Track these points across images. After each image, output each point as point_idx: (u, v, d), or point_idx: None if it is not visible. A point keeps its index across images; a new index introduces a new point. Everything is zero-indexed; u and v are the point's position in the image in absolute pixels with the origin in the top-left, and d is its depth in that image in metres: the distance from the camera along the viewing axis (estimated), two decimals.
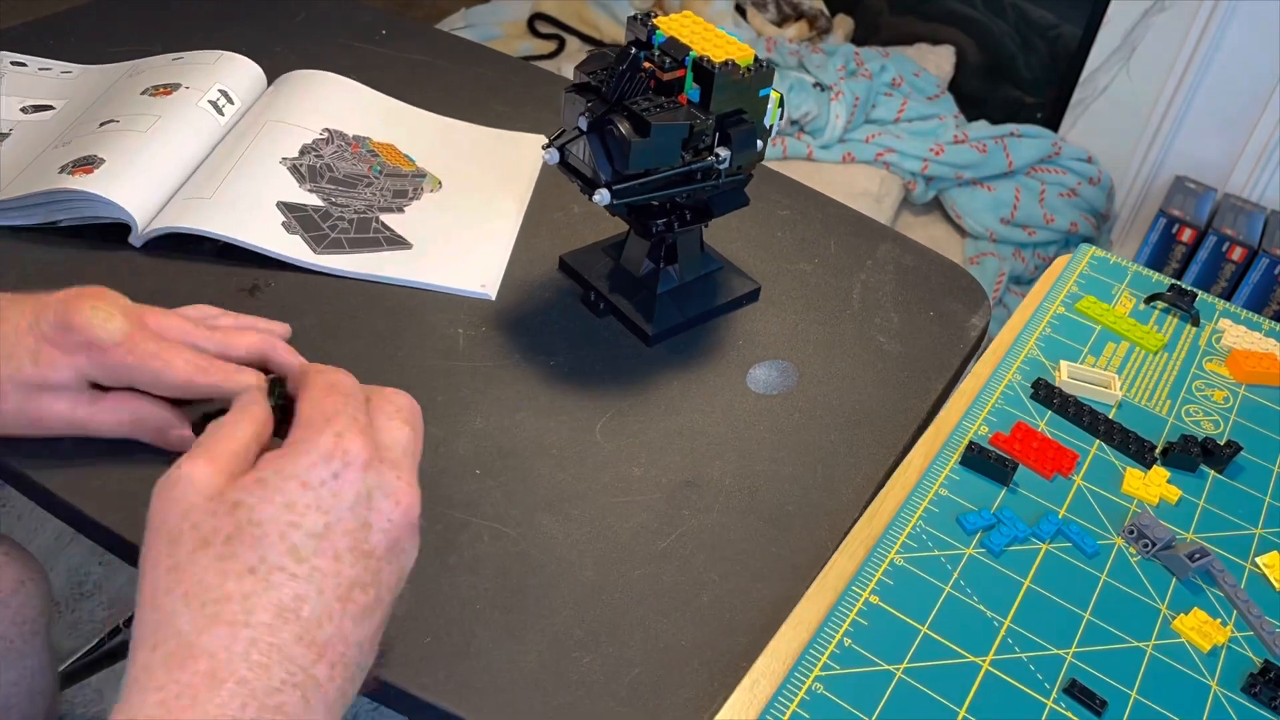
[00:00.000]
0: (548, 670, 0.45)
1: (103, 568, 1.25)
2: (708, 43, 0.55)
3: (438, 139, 0.78)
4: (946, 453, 0.55)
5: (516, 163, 0.76)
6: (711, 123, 0.54)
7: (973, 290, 0.70)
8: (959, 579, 0.48)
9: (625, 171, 0.53)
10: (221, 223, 0.63)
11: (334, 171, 0.71)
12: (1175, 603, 0.49)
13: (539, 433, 0.56)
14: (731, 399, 0.60)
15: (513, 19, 2.02)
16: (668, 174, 0.55)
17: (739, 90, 0.55)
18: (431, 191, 0.72)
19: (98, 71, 0.77)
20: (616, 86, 0.53)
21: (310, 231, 0.66)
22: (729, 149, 0.55)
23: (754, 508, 0.53)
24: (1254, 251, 1.55)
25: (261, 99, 0.76)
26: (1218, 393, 0.62)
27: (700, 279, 0.65)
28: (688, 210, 0.60)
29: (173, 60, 0.76)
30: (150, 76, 0.74)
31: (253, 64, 0.77)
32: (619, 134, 0.52)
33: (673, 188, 0.56)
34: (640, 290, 0.63)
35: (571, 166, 0.56)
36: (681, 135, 0.53)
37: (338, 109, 0.76)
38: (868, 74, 1.71)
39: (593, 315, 0.63)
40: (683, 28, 0.56)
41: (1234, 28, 1.57)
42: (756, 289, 0.66)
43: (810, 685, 0.43)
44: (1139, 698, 0.45)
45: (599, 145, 0.53)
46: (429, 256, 0.66)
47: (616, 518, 0.52)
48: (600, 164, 0.53)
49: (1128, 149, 1.75)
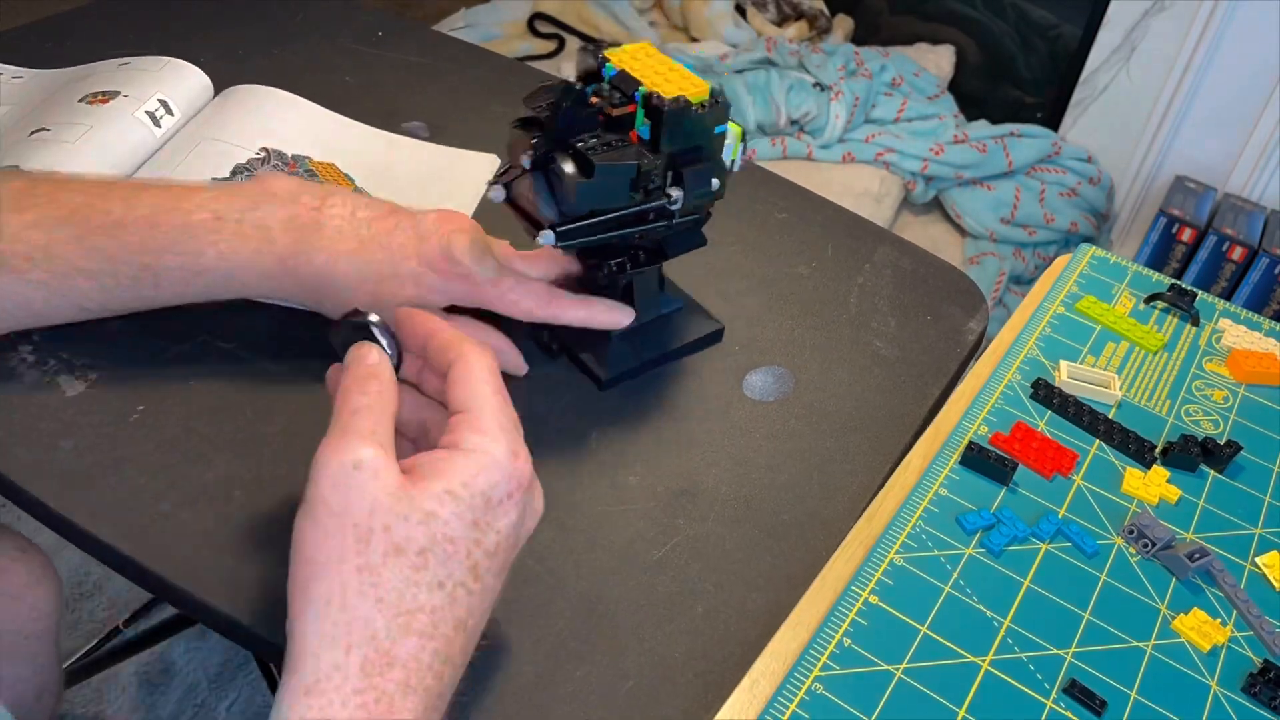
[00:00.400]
0: (543, 682, 0.45)
1: (103, 568, 1.25)
2: (660, 77, 0.52)
3: (382, 159, 0.75)
4: (946, 452, 0.55)
5: (462, 183, 0.74)
6: (661, 162, 0.51)
7: (970, 294, 0.70)
8: (959, 579, 0.48)
9: (570, 213, 0.51)
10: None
11: None
12: (1175, 603, 0.49)
13: (532, 441, 0.55)
14: (727, 405, 0.59)
15: (512, 19, 2.02)
16: (617, 214, 0.52)
17: (691, 127, 0.52)
18: None
19: (46, 77, 0.76)
20: (562, 123, 0.50)
21: None
22: (681, 189, 0.52)
23: (749, 516, 0.53)
24: (1254, 251, 1.55)
25: (203, 112, 0.74)
26: (1218, 392, 0.62)
27: (659, 319, 0.61)
28: (641, 251, 0.57)
29: (119, 66, 0.74)
30: (91, 83, 0.72)
31: (199, 72, 0.75)
32: (562, 174, 0.49)
33: (623, 229, 0.53)
34: (594, 332, 0.59)
35: (518, 205, 0.53)
36: (629, 175, 0.50)
37: (279, 126, 0.73)
38: (868, 74, 1.71)
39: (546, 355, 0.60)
40: (635, 60, 0.53)
41: (1234, 28, 1.57)
42: (719, 330, 0.63)
43: (810, 685, 0.43)
44: (1139, 698, 0.44)
45: (543, 184, 0.51)
46: None
47: (612, 527, 0.52)
48: (544, 204, 0.51)
49: (1128, 149, 1.75)
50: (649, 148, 0.51)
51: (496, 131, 0.53)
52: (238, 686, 1.14)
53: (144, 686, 1.14)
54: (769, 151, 1.66)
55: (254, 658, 1.14)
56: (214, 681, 1.15)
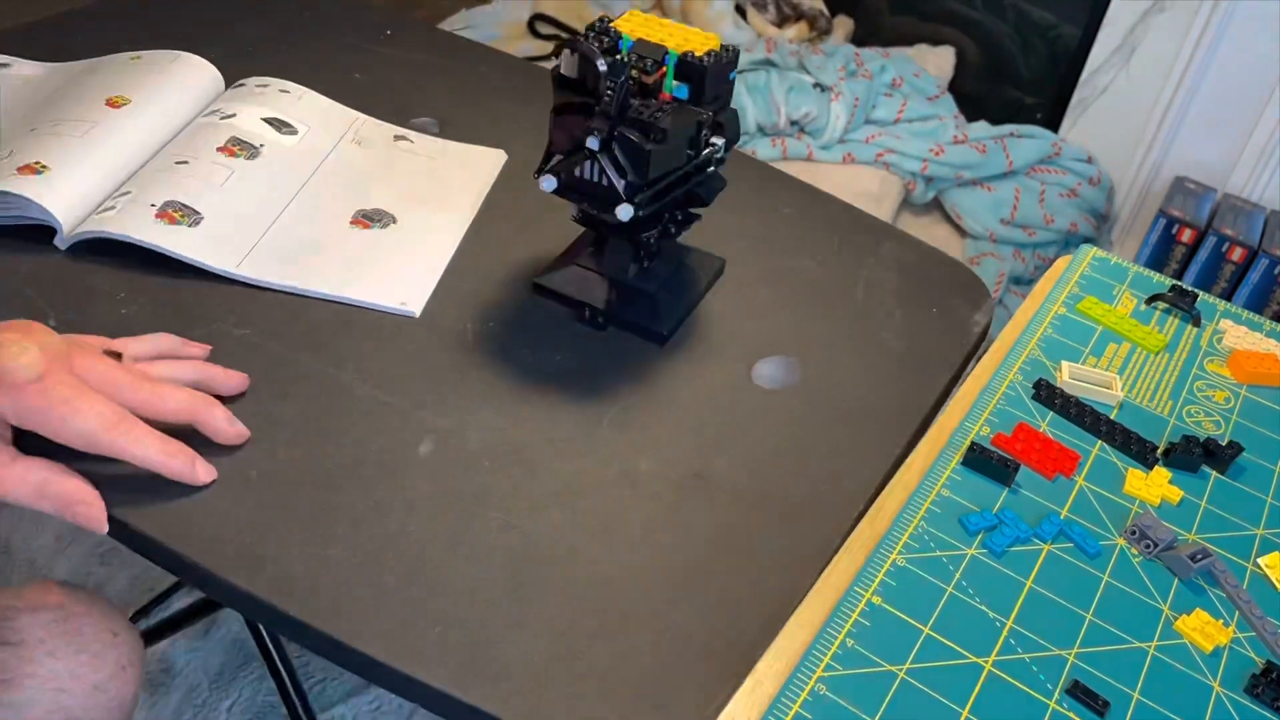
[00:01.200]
0: (557, 660, 0.45)
1: (103, 568, 1.25)
2: (675, 38, 0.55)
3: (388, 154, 0.76)
4: (948, 453, 0.55)
5: (465, 179, 0.74)
6: (709, 116, 0.55)
7: (975, 287, 0.70)
8: (961, 580, 0.49)
9: (643, 182, 0.53)
10: (143, 229, 0.62)
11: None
12: (1177, 603, 0.49)
13: (547, 426, 0.56)
14: (737, 394, 0.60)
15: (513, 20, 2.02)
16: (676, 174, 0.55)
17: (724, 78, 0.55)
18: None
19: (58, 71, 0.76)
20: (616, 100, 0.52)
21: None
22: (723, 136, 0.56)
23: (760, 501, 0.54)
24: (1254, 252, 1.55)
25: (215, 103, 0.74)
26: (1219, 393, 0.62)
27: (679, 268, 0.66)
28: (677, 210, 0.60)
29: (130, 60, 0.75)
30: (105, 79, 0.73)
31: (210, 66, 0.76)
32: (637, 146, 0.52)
33: (679, 187, 0.56)
34: (636, 295, 0.62)
35: (577, 189, 0.55)
36: (690, 134, 0.53)
37: (287, 117, 0.74)
38: (868, 74, 1.71)
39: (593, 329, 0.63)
40: (641, 27, 0.56)
41: (1234, 28, 1.57)
42: (722, 263, 0.68)
43: (813, 686, 0.43)
44: (1141, 698, 0.45)
45: (611, 161, 0.52)
46: (350, 269, 0.65)
47: (625, 510, 0.52)
48: (615, 179, 0.53)
49: (1128, 149, 1.75)
50: (692, 104, 0.54)
51: (505, 127, 0.54)
52: (238, 687, 1.14)
53: (145, 687, 1.14)
54: (769, 152, 1.66)
55: (257, 655, 1.14)
56: (215, 682, 1.15)
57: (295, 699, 1.00)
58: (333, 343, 0.59)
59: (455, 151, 0.77)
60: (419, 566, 0.48)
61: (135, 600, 1.20)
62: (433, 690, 0.44)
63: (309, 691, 1.15)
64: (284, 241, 0.65)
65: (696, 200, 0.60)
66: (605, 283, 0.63)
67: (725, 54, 0.55)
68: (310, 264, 0.64)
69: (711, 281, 0.67)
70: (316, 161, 0.72)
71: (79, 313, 0.58)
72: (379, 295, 0.63)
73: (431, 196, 0.72)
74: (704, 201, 0.60)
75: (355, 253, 0.66)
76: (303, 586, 0.47)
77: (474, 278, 0.66)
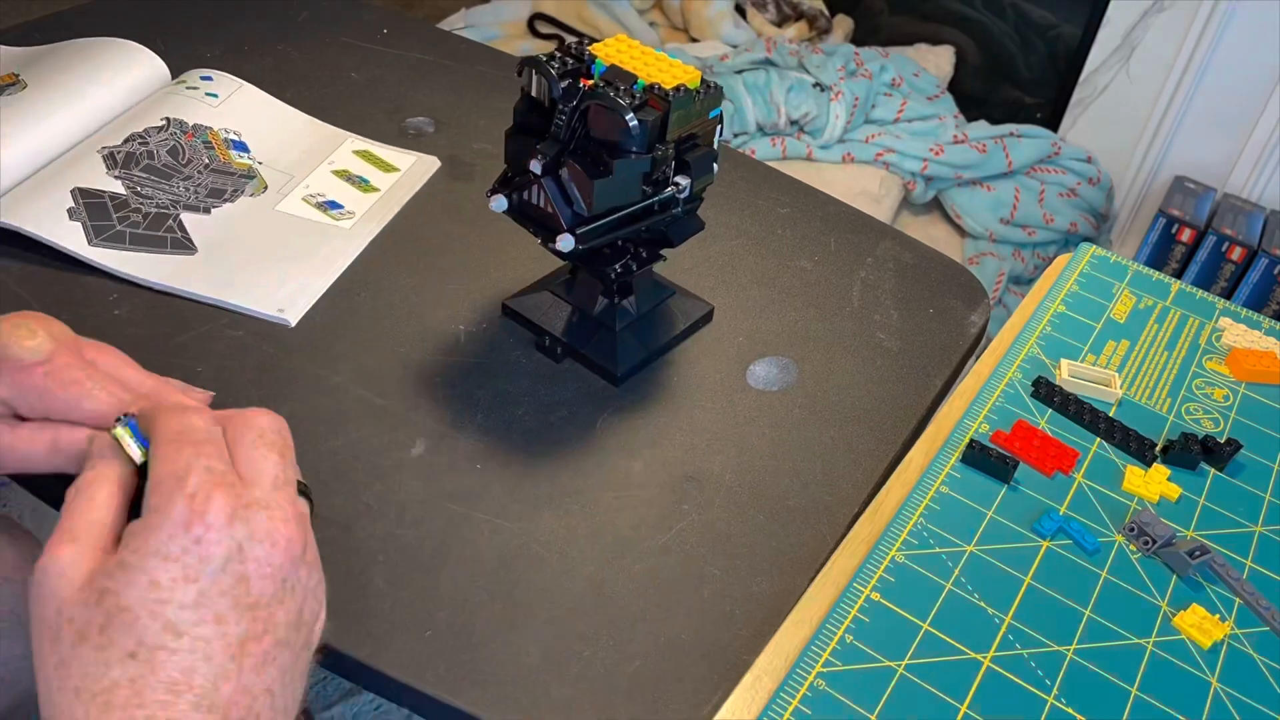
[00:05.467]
0: (549, 663, 0.45)
1: None
2: (651, 68, 0.51)
3: (305, 147, 0.72)
4: (947, 451, 0.55)
5: (392, 184, 0.71)
6: (671, 152, 0.51)
7: (972, 287, 0.70)
8: (960, 576, 0.49)
9: (588, 214, 0.50)
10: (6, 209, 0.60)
11: (152, 159, 0.66)
12: (1175, 599, 0.49)
13: (539, 428, 0.56)
14: (731, 395, 0.60)
15: (512, 19, 2.02)
16: (630, 210, 0.51)
17: (693, 115, 0.51)
18: (253, 195, 0.67)
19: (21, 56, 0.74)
20: (567, 125, 0.49)
21: (95, 219, 0.61)
22: (689, 177, 0.52)
23: (754, 502, 0.54)
24: (1254, 251, 1.55)
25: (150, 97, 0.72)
26: (1218, 391, 0.62)
27: (655, 309, 0.61)
28: (642, 248, 0.57)
29: (82, 49, 0.74)
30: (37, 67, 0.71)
31: (153, 55, 0.75)
32: (579, 175, 0.49)
33: (634, 224, 0.53)
34: (598, 330, 0.59)
35: (525, 213, 0.52)
36: (643, 170, 0.50)
37: (193, 106, 0.71)
38: (867, 74, 1.71)
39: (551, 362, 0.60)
40: (620, 54, 0.52)
41: (1234, 28, 1.57)
42: (710, 310, 0.64)
43: (812, 682, 0.43)
44: (1139, 694, 0.45)
45: (555, 188, 0.50)
46: (215, 266, 0.61)
47: (617, 512, 0.52)
48: (560, 208, 0.50)
49: (1127, 149, 1.75)
50: (655, 139, 0.50)
51: (503, 127, 0.54)
52: None
53: None
54: (769, 152, 1.66)
55: None
56: None
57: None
58: (325, 344, 0.59)
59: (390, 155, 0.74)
60: (409, 569, 0.48)
61: None
62: (422, 694, 0.44)
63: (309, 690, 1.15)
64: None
65: (665, 241, 0.57)
66: (570, 313, 0.60)
67: (702, 91, 0.51)
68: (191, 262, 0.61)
69: (692, 329, 0.62)
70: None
71: (72, 314, 0.58)
72: (245, 298, 0.60)
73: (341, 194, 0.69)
74: (670, 243, 0.57)
75: (221, 240, 0.63)
76: None
77: (471, 279, 0.66)
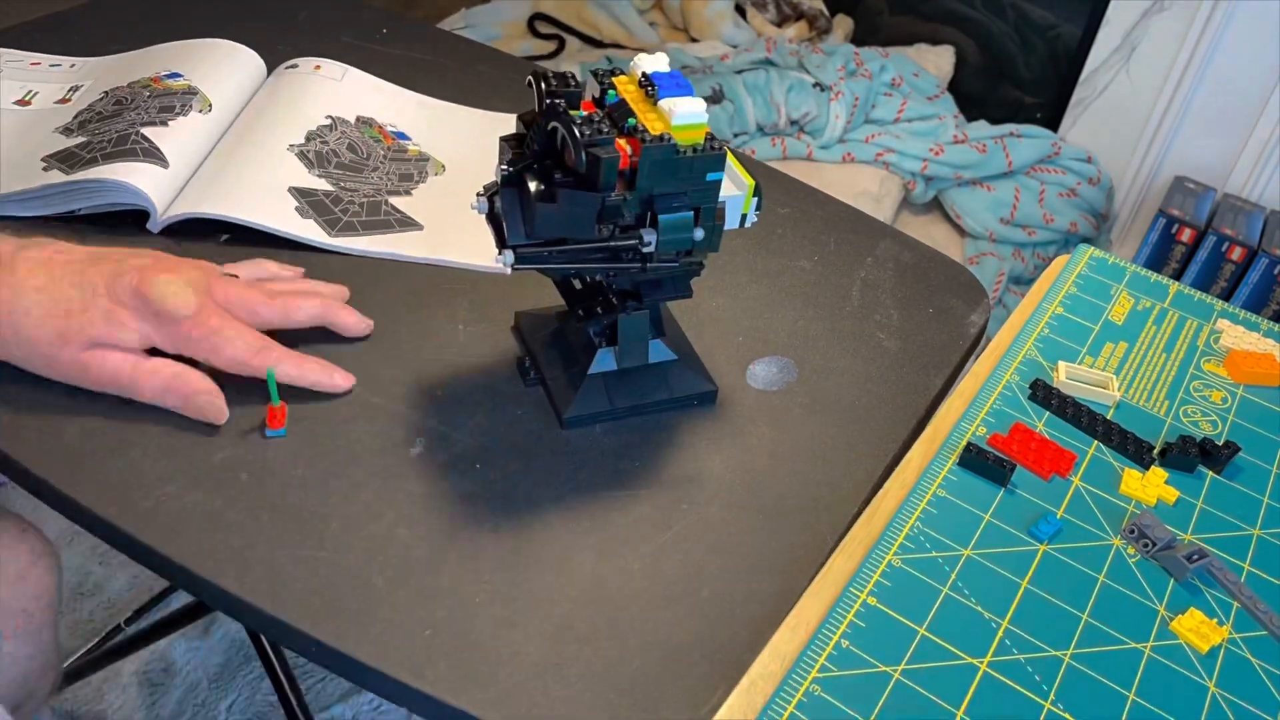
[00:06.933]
0: (548, 663, 0.45)
1: (103, 568, 1.25)
2: (652, 114, 0.49)
3: (436, 123, 0.80)
4: (944, 454, 0.55)
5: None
6: (634, 200, 0.49)
7: (972, 287, 0.70)
8: (957, 580, 0.49)
9: (533, 236, 0.49)
10: (238, 208, 0.64)
11: (340, 157, 0.72)
12: (1173, 604, 0.49)
13: (539, 427, 0.56)
14: (731, 394, 0.60)
15: (512, 19, 2.02)
16: (583, 247, 0.50)
17: (672, 169, 0.48)
18: (436, 175, 0.74)
19: (101, 65, 0.78)
20: (538, 141, 0.48)
21: (323, 215, 0.67)
22: (655, 232, 0.50)
23: (753, 502, 0.54)
24: (1253, 251, 1.55)
25: (264, 88, 0.77)
26: (1216, 393, 0.62)
27: (646, 369, 0.57)
28: (613, 294, 0.55)
29: (181, 49, 0.77)
30: (157, 66, 0.75)
31: (252, 53, 0.78)
32: (526, 194, 0.48)
33: (587, 263, 0.51)
34: (573, 367, 0.57)
35: (493, 220, 0.51)
36: (594, 207, 0.48)
37: (336, 96, 0.77)
38: (867, 74, 1.71)
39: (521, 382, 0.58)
40: (640, 94, 0.50)
41: (1234, 28, 1.57)
42: (711, 392, 0.59)
43: (808, 687, 0.43)
44: (1137, 699, 0.45)
45: (514, 202, 0.49)
46: (442, 236, 0.68)
47: (617, 511, 0.52)
48: (511, 221, 0.49)
49: (1127, 149, 1.75)
50: (626, 183, 0.48)
51: None
52: (238, 686, 1.14)
53: (144, 686, 1.14)
54: (769, 152, 1.66)
55: (256, 655, 1.14)
56: (214, 681, 1.15)
57: (292, 700, 1.00)
58: (325, 342, 0.59)
59: (494, 119, 0.82)
60: (409, 569, 0.48)
61: (136, 600, 1.20)
62: (422, 695, 0.44)
63: (310, 689, 1.15)
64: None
65: (634, 296, 0.55)
66: (560, 341, 0.59)
67: (689, 149, 0.48)
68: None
69: (681, 404, 0.58)
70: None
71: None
72: (472, 256, 0.66)
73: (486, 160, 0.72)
74: (639, 301, 0.55)
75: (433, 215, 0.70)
76: (291, 589, 0.47)
77: (475, 280, 0.66)
